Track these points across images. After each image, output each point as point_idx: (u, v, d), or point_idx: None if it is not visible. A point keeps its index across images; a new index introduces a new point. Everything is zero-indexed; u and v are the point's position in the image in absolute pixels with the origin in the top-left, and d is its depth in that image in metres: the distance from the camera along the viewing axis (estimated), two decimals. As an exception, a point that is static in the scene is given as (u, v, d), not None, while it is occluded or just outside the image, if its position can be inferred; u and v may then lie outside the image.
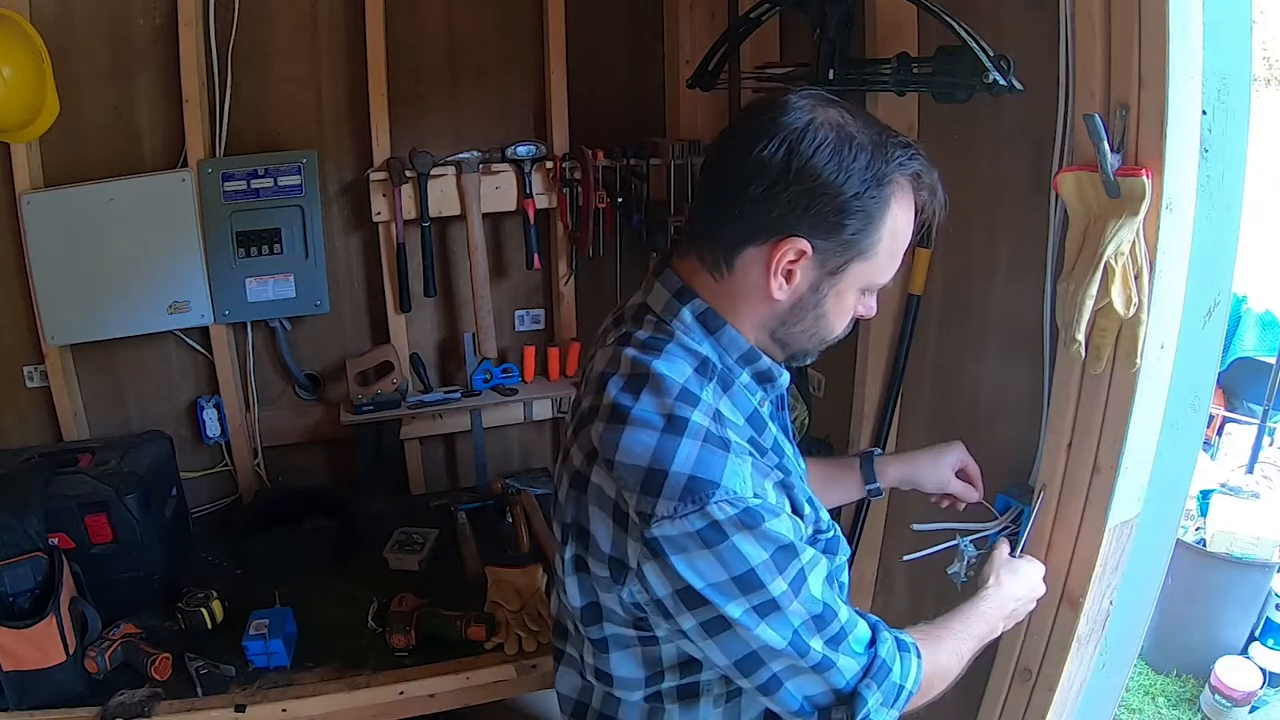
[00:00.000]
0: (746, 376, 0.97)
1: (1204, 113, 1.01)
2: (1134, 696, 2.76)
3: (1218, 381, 1.79)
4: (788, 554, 0.86)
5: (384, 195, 2.05)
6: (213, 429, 2.13)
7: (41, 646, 1.44)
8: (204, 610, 1.64)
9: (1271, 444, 3.21)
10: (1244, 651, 2.75)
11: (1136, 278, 1.04)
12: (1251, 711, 2.63)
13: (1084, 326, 1.07)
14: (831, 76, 1.44)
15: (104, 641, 1.53)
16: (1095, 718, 1.38)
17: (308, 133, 2.06)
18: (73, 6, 1.86)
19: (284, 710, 1.47)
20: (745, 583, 0.84)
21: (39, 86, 1.79)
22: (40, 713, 1.45)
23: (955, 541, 1.29)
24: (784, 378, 1.02)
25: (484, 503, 2.13)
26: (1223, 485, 2.95)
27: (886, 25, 1.53)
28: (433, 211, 2.08)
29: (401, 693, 1.52)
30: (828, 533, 0.99)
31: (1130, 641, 1.38)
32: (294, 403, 2.24)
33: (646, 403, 0.88)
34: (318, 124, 2.07)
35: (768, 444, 0.97)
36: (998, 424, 1.48)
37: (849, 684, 0.91)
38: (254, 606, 1.63)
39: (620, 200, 2.16)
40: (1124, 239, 1.02)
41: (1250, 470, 3.08)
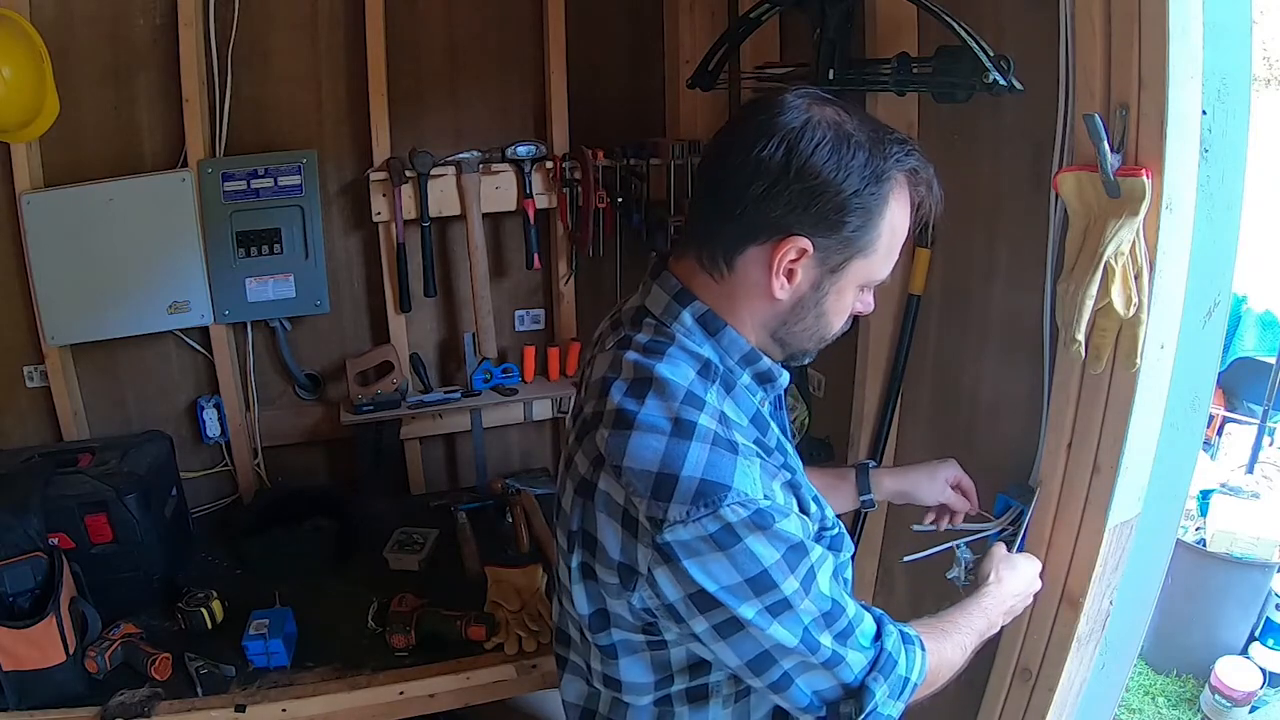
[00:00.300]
0: (747, 378, 0.97)
1: (1204, 113, 1.02)
2: (1134, 696, 2.76)
3: (1218, 381, 1.79)
4: (798, 553, 0.86)
5: (384, 195, 2.05)
6: (213, 429, 2.13)
7: (41, 646, 1.44)
8: (204, 610, 1.64)
9: (1271, 444, 3.21)
10: (1244, 651, 2.75)
11: (1136, 278, 1.04)
12: (1251, 711, 2.62)
13: (1084, 326, 1.08)
14: (831, 76, 1.44)
15: (104, 641, 1.53)
16: (1095, 718, 1.38)
17: (308, 133, 2.06)
18: (73, 6, 1.86)
19: (284, 710, 1.48)
20: (758, 584, 0.84)
21: (39, 86, 1.79)
22: (40, 713, 1.45)
23: (953, 544, 1.30)
24: (783, 378, 1.02)
25: (484, 503, 2.14)
26: (1223, 485, 2.95)
27: (886, 25, 1.53)
28: (433, 211, 2.08)
29: (401, 693, 1.52)
30: (832, 529, 1.00)
31: (1130, 641, 1.38)
32: (294, 403, 2.24)
33: (652, 407, 0.88)
34: (318, 124, 2.07)
35: (772, 444, 0.97)
36: (998, 424, 1.48)
37: (857, 678, 0.91)
38: (254, 606, 1.63)
39: (620, 200, 2.16)
40: (1124, 239, 1.02)
41: (1250, 470, 3.08)
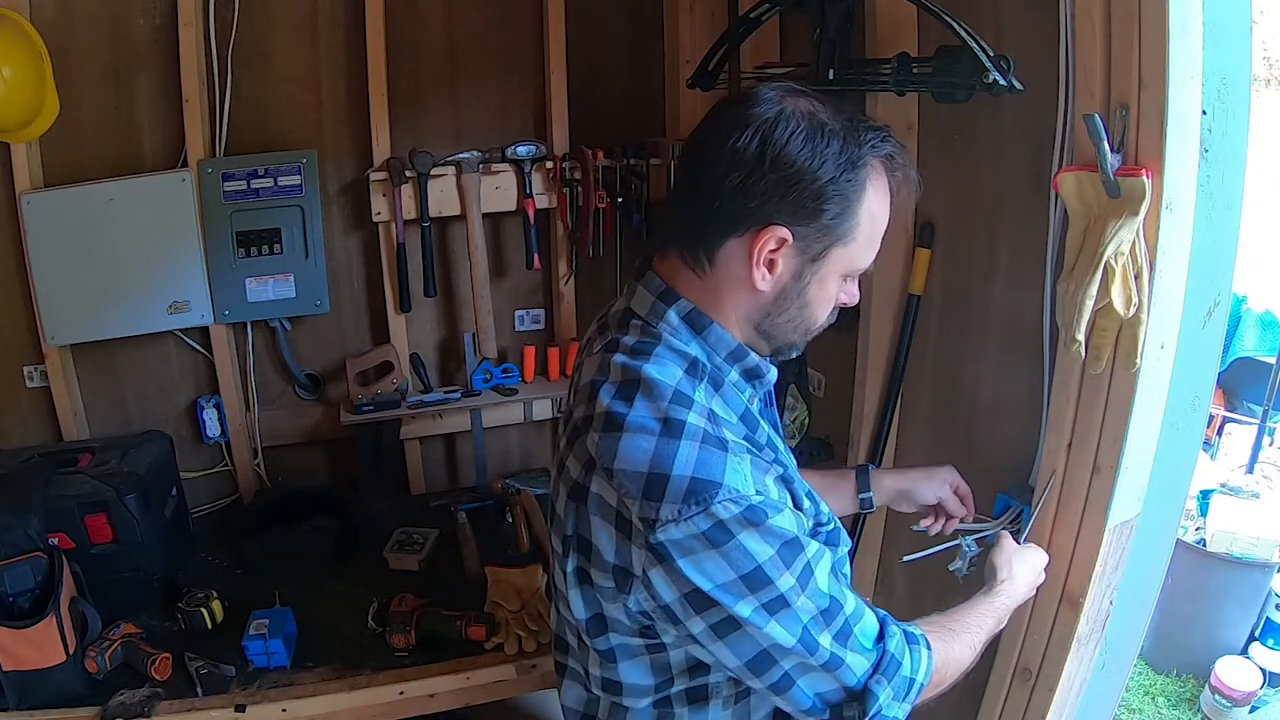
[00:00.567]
0: (735, 375, 0.97)
1: (1204, 113, 1.02)
2: (1134, 696, 2.76)
3: (1218, 381, 1.79)
4: (793, 549, 0.86)
5: (384, 195, 2.05)
6: (213, 429, 2.13)
7: (41, 646, 1.44)
8: (204, 610, 1.64)
9: (1271, 444, 3.21)
10: (1244, 651, 2.75)
11: (1136, 278, 1.04)
12: (1251, 711, 2.62)
13: (1084, 326, 1.08)
14: (831, 76, 1.44)
15: (104, 641, 1.53)
16: (1095, 718, 1.38)
17: (308, 133, 2.06)
18: (73, 6, 1.86)
19: (284, 710, 1.48)
20: (753, 580, 0.84)
21: (39, 86, 1.79)
22: (40, 713, 1.45)
23: (957, 541, 1.30)
24: (771, 374, 1.02)
25: (484, 503, 2.14)
26: (1223, 485, 2.95)
27: (886, 25, 1.53)
28: (433, 211, 2.08)
29: (401, 693, 1.52)
30: (828, 525, 1.00)
31: (1130, 641, 1.38)
32: (294, 403, 2.24)
33: (640, 408, 0.88)
34: (318, 124, 2.07)
35: (762, 441, 0.97)
36: (998, 424, 1.48)
37: (860, 681, 0.91)
38: (254, 606, 1.63)
39: (620, 200, 2.16)
40: (1124, 239, 1.02)
41: (1250, 470, 3.08)
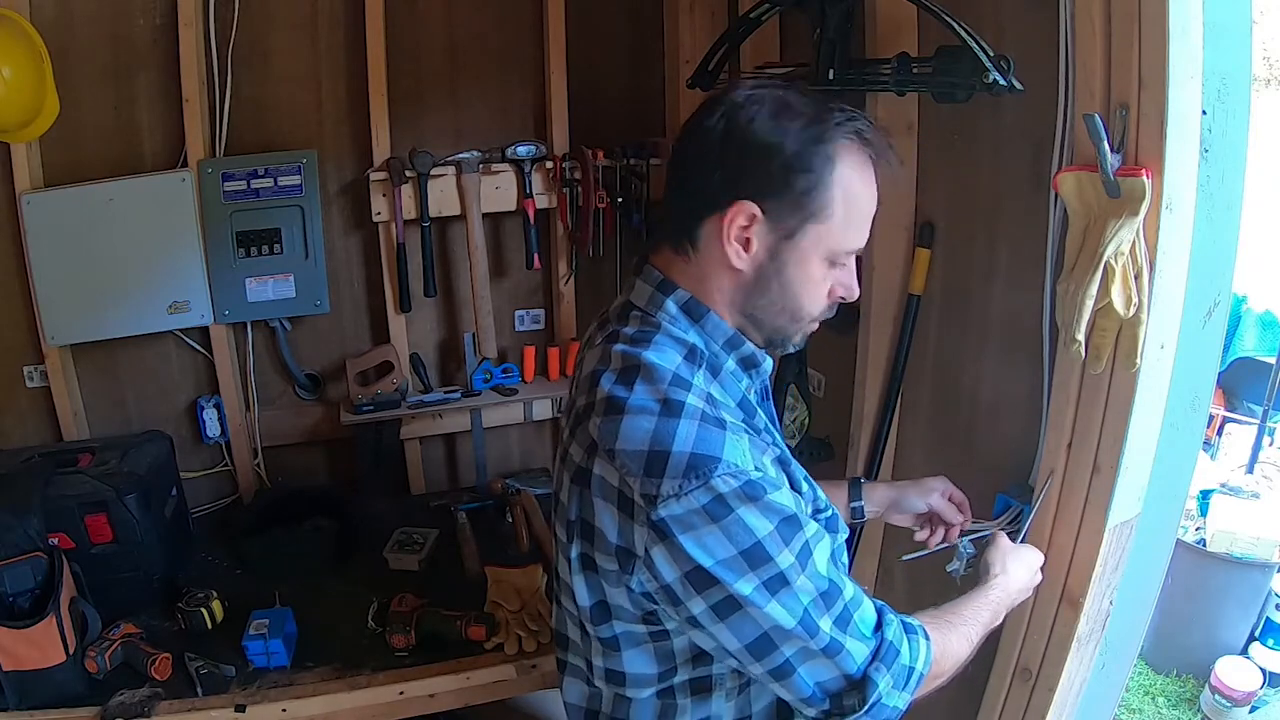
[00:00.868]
0: (732, 363, 1.00)
1: (1204, 113, 1.02)
2: (1134, 696, 2.76)
3: (1218, 381, 1.79)
4: (792, 526, 0.87)
5: (384, 195, 2.05)
6: (213, 429, 2.13)
7: (41, 646, 1.44)
8: (204, 610, 1.64)
9: (1271, 444, 3.21)
10: (1244, 651, 2.75)
11: (1136, 278, 1.04)
12: (1251, 711, 2.62)
13: (1084, 326, 1.08)
14: (831, 76, 1.43)
15: (104, 641, 1.53)
16: (1095, 718, 1.38)
17: (308, 133, 2.06)
18: (73, 6, 1.86)
19: (284, 710, 1.48)
20: (753, 556, 0.85)
21: (39, 86, 1.79)
22: (40, 713, 1.45)
23: (954, 542, 1.30)
24: (767, 363, 1.04)
25: (484, 503, 2.14)
26: (1223, 485, 2.95)
27: (886, 25, 1.53)
28: (433, 211, 2.08)
29: (401, 693, 1.52)
30: (826, 511, 1.01)
31: (1130, 641, 1.38)
32: (294, 403, 2.24)
33: (640, 391, 0.90)
34: (318, 124, 2.07)
35: (760, 427, 0.99)
36: (998, 424, 1.48)
37: (859, 668, 0.91)
38: (254, 606, 1.63)
39: (620, 200, 2.16)
40: (1124, 239, 1.02)
41: (1250, 470, 3.08)
